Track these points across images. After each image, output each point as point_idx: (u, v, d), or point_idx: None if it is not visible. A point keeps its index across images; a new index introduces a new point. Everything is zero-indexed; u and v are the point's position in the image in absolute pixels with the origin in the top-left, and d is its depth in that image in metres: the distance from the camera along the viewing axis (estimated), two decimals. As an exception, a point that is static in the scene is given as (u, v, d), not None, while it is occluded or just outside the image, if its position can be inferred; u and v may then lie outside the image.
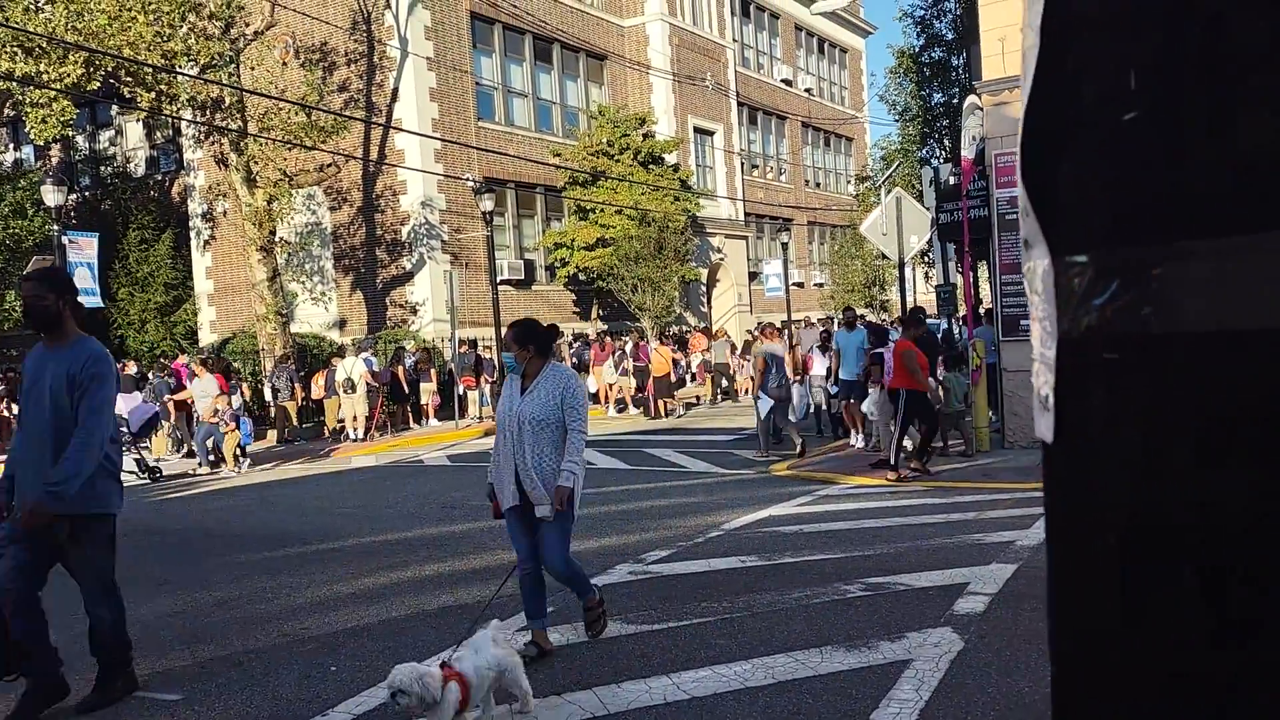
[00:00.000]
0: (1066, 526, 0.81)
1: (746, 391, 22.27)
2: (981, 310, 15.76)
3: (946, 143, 20.35)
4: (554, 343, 5.75)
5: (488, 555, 8.41)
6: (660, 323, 26.87)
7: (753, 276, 36.21)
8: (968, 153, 12.38)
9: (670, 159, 28.96)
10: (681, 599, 6.61)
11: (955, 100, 19.98)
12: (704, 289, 33.26)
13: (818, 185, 43.38)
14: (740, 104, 36.09)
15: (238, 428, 16.42)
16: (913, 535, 8.22)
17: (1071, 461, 0.79)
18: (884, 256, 33.85)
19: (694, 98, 32.82)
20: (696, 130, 33.19)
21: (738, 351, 24.32)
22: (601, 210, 26.23)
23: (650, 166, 27.29)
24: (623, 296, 26.59)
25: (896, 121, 23.98)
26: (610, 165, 26.58)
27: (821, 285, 41.22)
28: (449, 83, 25.34)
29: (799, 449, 13.53)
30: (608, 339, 24.50)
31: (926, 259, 22.86)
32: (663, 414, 20.67)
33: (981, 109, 12.39)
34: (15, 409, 20.73)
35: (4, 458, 15.03)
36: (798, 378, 15.85)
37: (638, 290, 26.19)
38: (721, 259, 33.89)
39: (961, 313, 19.88)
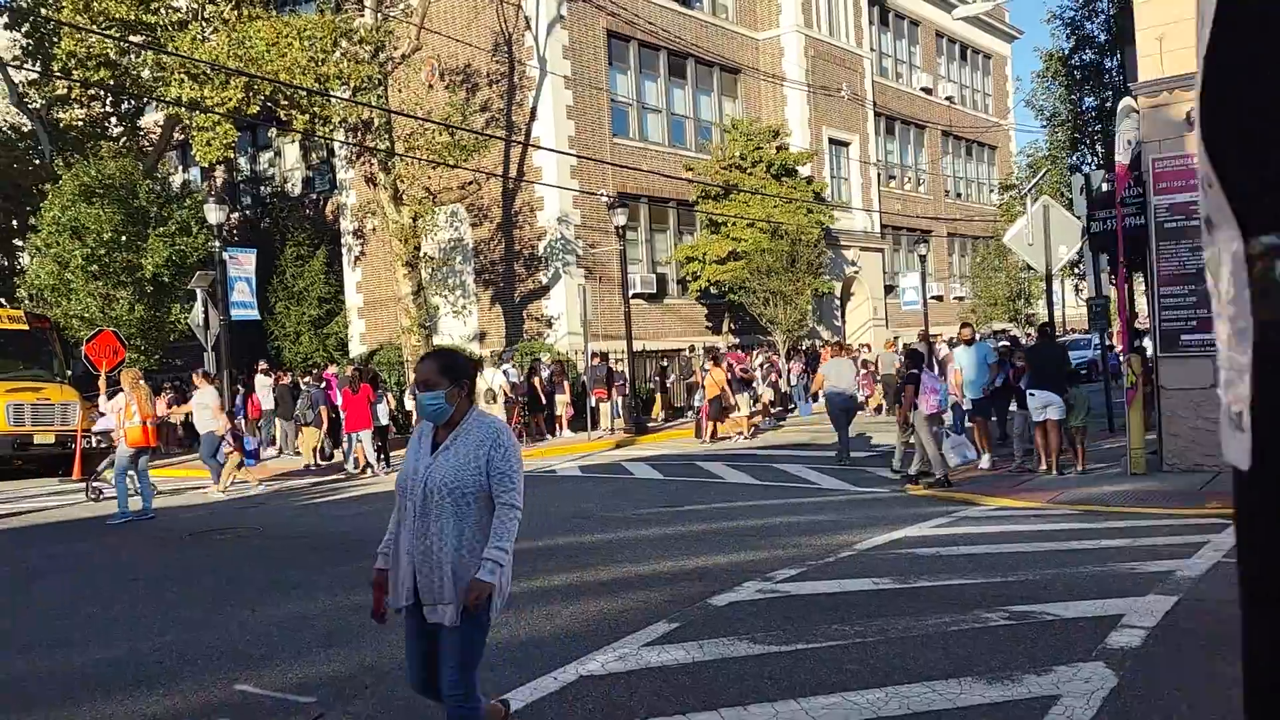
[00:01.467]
0: (1263, 576, 0.65)
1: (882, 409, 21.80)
2: (1137, 325, 14.92)
3: (1099, 148, 19.37)
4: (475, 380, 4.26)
5: (615, 567, 8.38)
6: (792, 336, 26.51)
7: (889, 290, 35.36)
8: (1122, 158, 11.71)
9: (804, 171, 28.59)
10: (811, 620, 6.40)
11: (1108, 104, 19.03)
12: (838, 302, 32.66)
13: (958, 195, 42.10)
14: (877, 114, 35.37)
15: (240, 448, 16.09)
16: (1061, 561, 7.76)
17: (1273, 494, 0.64)
18: (1029, 268, 32.58)
19: (829, 109, 32.34)
20: (831, 141, 32.67)
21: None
22: (733, 223, 26.09)
23: (783, 179, 27.00)
24: (754, 310, 26.35)
25: (1045, 127, 22.98)
26: (742, 178, 26.43)
27: (962, 298, 39.94)
28: (585, 100, 25.69)
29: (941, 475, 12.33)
30: (739, 353, 24.30)
31: (1076, 270, 21.82)
32: (705, 437, 19.48)
33: (1137, 112, 11.70)
34: (182, 414, 21.94)
35: (168, 461, 15.62)
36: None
37: (769, 304, 25.91)
38: (856, 272, 33.22)
39: (1116, 327, 18.86)
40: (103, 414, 14.93)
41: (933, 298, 34.34)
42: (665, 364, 24.72)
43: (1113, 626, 5.85)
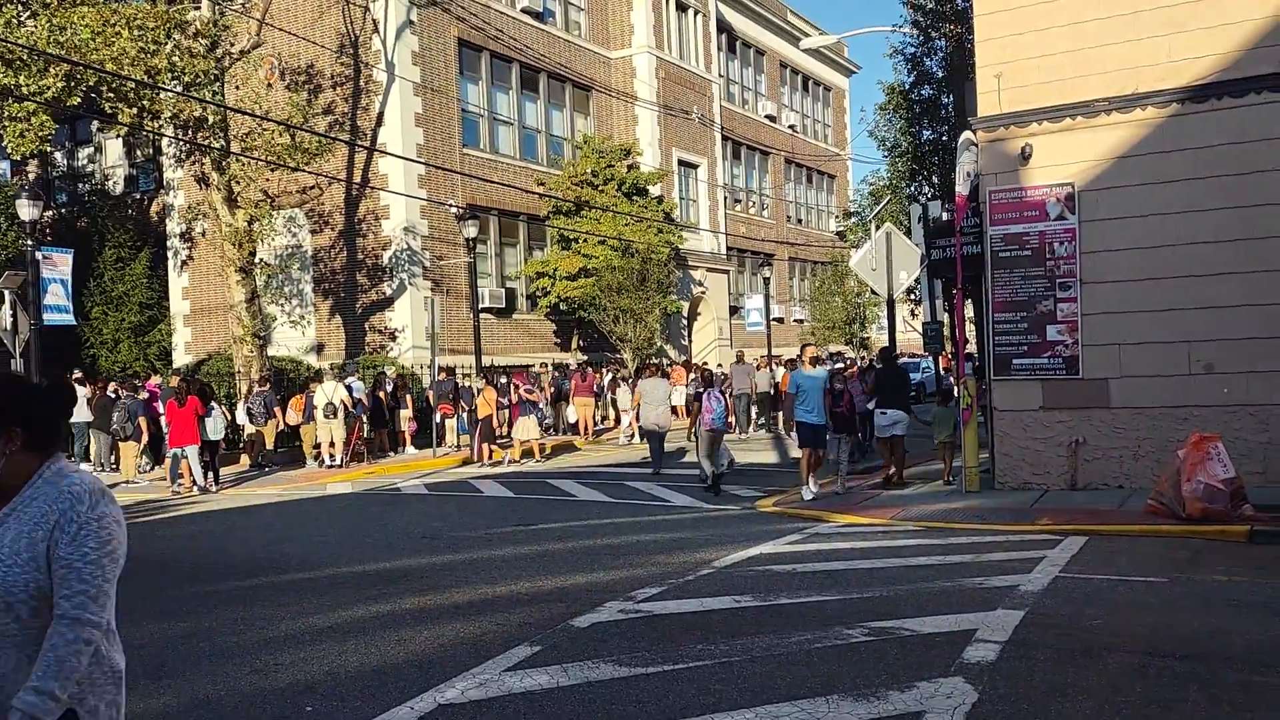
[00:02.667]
0: None
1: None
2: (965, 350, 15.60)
3: (935, 180, 20.33)
4: (61, 421, 2.76)
5: (470, 590, 8.09)
6: (641, 354, 26.66)
7: (734, 310, 36.11)
8: (962, 189, 12.26)
9: (654, 191, 28.89)
10: (676, 640, 6.32)
11: (945, 138, 20.00)
12: (685, 322, 33.11)
13: (799, 221, 43.50)
14: (725, 138, 36.16)
15: None
16: (911, 577, 7.97)
17: None
18: (868, 293, 33.83)
19: (679, 130, 32.84)
20: (681, 163, 33.18)
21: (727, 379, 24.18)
22: (584, 240, 26.06)
23: (634, 198, 27.18)
24: (604, 327, 26.37)
25: (886, 158, 23.98)
26: (594, 195, 26.45)
27: (802, 321, 41.20)
28: (435, 108, 25.17)
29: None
30: (589, 370, 24.24)
31: (913, 296, 22.81)
32: (481, 458, 18.70)
33: (976, 145, 12.30)
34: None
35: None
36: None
37: (619, 321, 25.98)
38: (703, 292, 33.78)
39: (948, 350, 19.78)
40: None
41: (774, 319, 35.25)
42: (504, 380, 24.33)
43: (967, 641, 6.00)
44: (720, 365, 27.97)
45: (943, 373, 22.07)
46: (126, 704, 2.76)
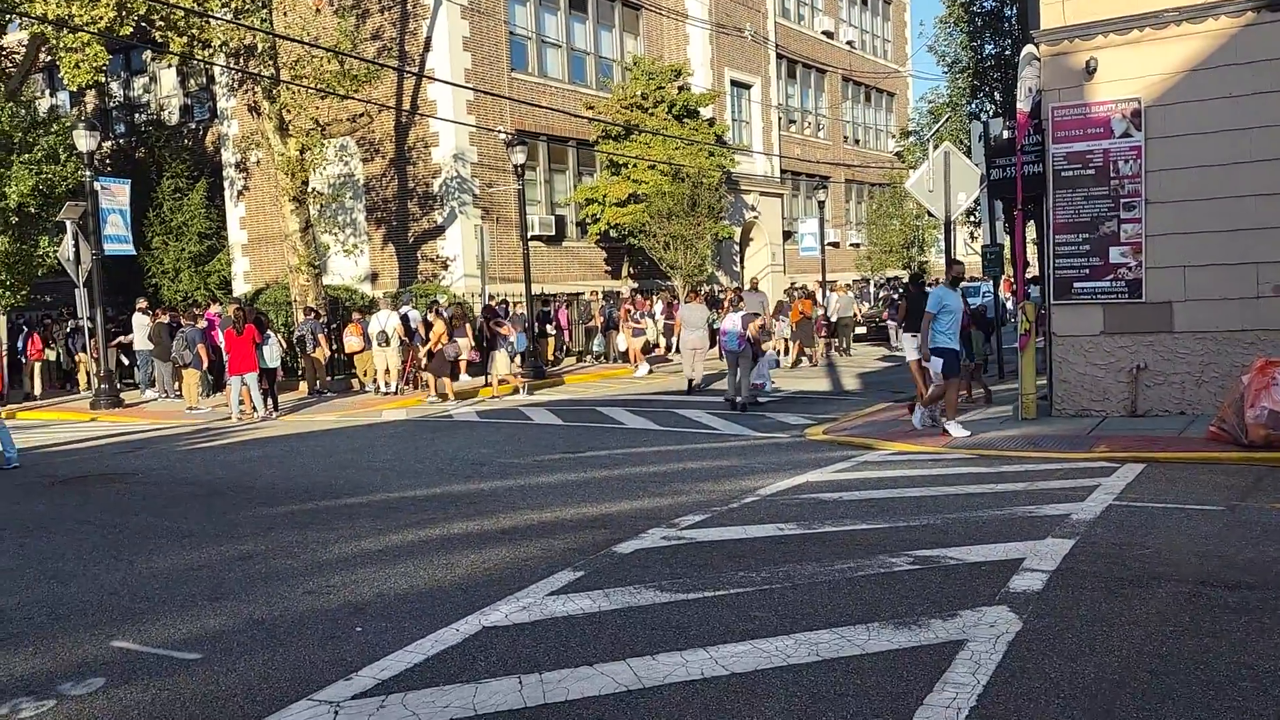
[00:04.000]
0: None
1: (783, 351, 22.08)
2: (1028, 274, 15.21)
3: (997, 96, 19.62)
4: None
5: (516, 515, 8.19)
6: (691, 281, 26.50)
7: (787, 235, 35.61)
8: (1023, 105, 11.81)
9: (706, 113, 28.34)
10: (718, 567, 6.34)
11: (1007, 52, 19.23)
12: (737, 248, 32.74)
13: (857, 142, 42.50)
14: (779, 56, 35.25)
15: None
16: (960, 506, 7.88)
17: None
18: (925, 215, 33.11)
19: (732, 49, 32.08)
20: (733, 83, 32.47)
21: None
22: (634, 165, 25.74)
23: (685, 120, 26.71)
24: (654, 254, 26.17)
25: (946, 74, 23.17)
26: (644, 119, 26.04)
27: (858, 245, 40.53)
28: (482, 32, 24.85)
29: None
30: (639, 297, 24.14)
31: (972, 218, 22.22)
32: (434, 393, 18.05)
33: (1039, 59, 11.80)
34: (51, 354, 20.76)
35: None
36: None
37: (670, 248, 25.75)
38: (756, 217, 33.31)
39: (1008, 274, 19.29)
40: None
41: (829, 244, 34.73)
42: (546, 309, 24.39)
43: (1014, 570, 5.93)
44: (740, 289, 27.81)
45: (1003, 297, 21.60)
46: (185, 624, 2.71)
